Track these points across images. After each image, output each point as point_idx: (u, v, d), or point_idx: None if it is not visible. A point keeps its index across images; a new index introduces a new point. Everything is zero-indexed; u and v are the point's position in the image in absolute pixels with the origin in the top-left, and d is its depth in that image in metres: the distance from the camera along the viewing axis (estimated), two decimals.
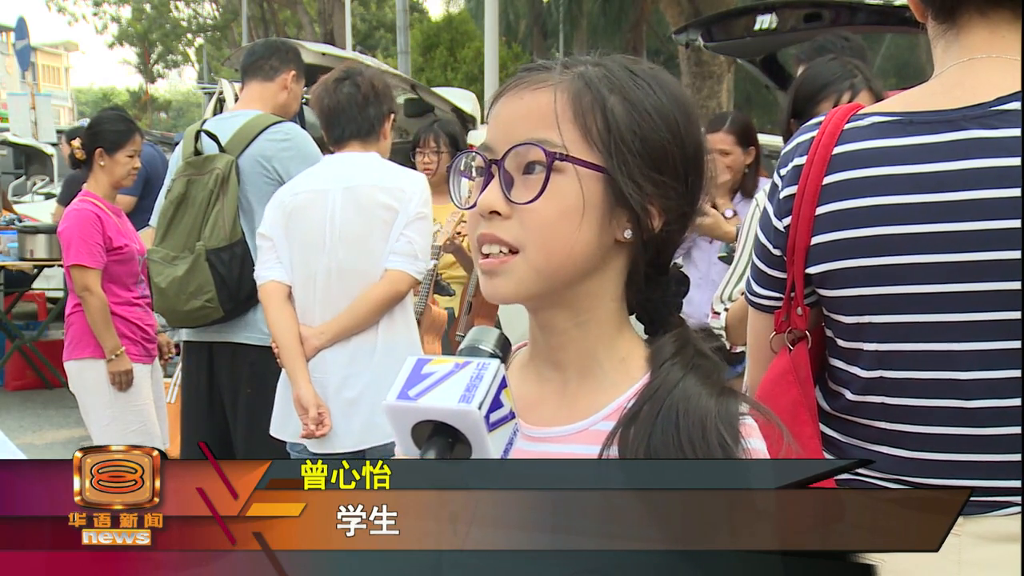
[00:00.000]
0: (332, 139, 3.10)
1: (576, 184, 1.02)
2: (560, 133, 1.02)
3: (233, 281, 3.43)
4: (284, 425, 3.14)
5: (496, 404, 0.88)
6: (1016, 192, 1.33)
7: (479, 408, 0.86)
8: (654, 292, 1.11)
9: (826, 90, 2.43)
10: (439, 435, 0.88)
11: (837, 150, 1.44)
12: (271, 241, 3.05)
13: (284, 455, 3.52)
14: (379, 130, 3.07)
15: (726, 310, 2.65)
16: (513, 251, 1.03)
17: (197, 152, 3.54)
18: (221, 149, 3.50)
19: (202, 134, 3.55)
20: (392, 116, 3.13)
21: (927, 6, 1.46)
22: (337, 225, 2.97)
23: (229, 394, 3.57)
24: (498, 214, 1.03)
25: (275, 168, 3.45)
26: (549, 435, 1.09)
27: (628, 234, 1.05)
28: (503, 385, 0.90)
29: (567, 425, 1.08)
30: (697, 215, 1.11)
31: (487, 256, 1.04)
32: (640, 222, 1.05)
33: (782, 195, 1.51)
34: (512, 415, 0.91)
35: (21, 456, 0.78)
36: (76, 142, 4.44)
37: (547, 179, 1.01)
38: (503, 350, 0.96)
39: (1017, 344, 1.36)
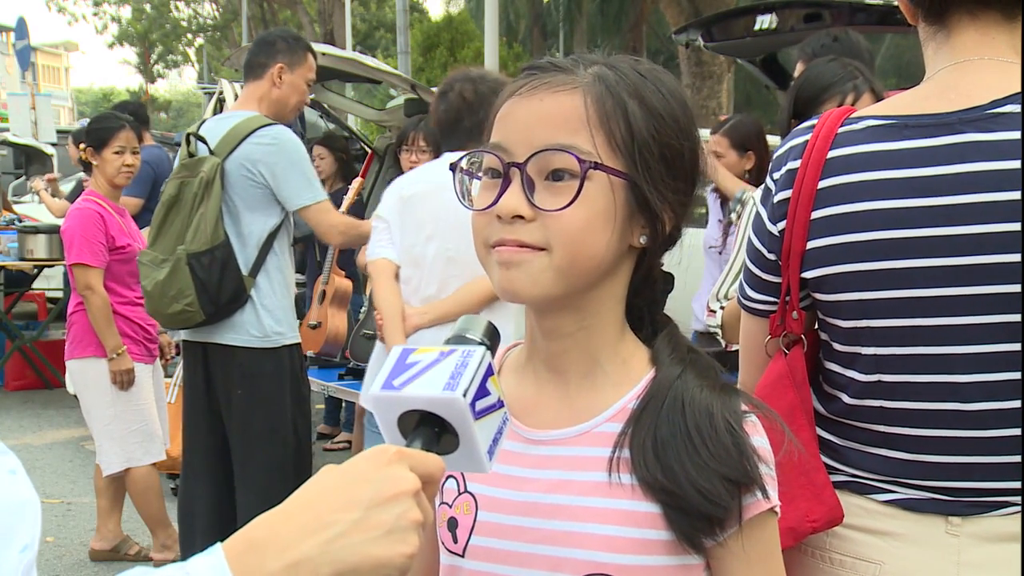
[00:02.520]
0: (449, 148, 3.21)
1: (603, 191, 1.01)
2: (593, 139, 1.00)
3: (213, 285, 3.43)
4: None
5: (482, 392, 0.87)
6: (1014, 195, 1.32)
7: (464, 395, 0.84)
8: (645, 290, 1.11)
9: (829, 91, 2.42)
10: (425, 425, 0.86)
11: (832, 154, 1.43)
12: (387, 223, 3.24)
13: (279, 451, 3.53)
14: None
15: (722, 308, 2.65)
16: (539, 252, 1.01)
17: (191, 154, 3.54)
18: (211, 151, 3.49)
19: (193, 136, 3.56)
20: None
21: (916, 7, 1.46)
22: (451, 216, 3.09)
23: (223, 394, 3.59)
24: (521, 218, 1.01)
25: (260, 172, 3.43)
26: (551, 438, 1.08)
27: (643, 240, 1.05)
28: (489, 372, 0.88)
29: (570, 427, 1.08)
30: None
31: (501, 245, 1.02)
32: (655, 228, 1.05)
33: (776, 199, 1.50)
34: (500, 404, 0.89)
35: (11, 456, 0.76)
36: (82, 144, 4.46)
37: (581, 187, 0.99)
38: (491, 339, 0.94)
39: (1016, 347, 1.36)
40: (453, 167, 1.09)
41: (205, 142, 3.50)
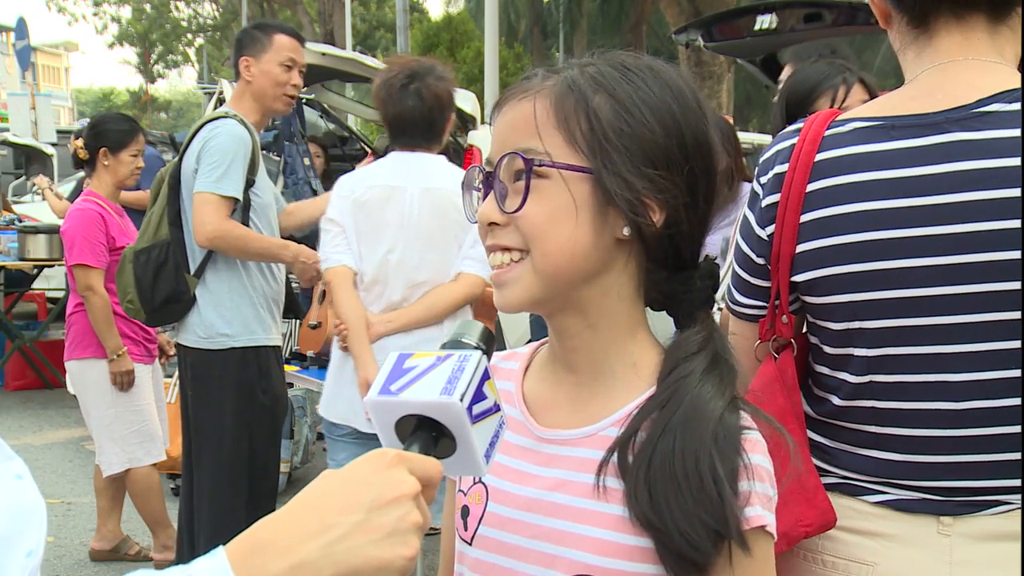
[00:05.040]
0: (400, 144, 3.13)
1: (560, 187, 1.04)
2: (541, 140, 1.04)
3: (147, 283, 3.42)
4: (331, 405, 3.20)
5: (479, 396, 0.88)
6: (1002, 193, 1.33)
7: (460, 400, 0.85)
8: (678, 287, 1.10)
9: (820, 88, 2.42)
10: (422, 429, 0.87)
11: (820, 157, 1.44)
12: (341, 227, 3.11)
13: (227, 457, 3.42)
14: (441, 137, 3.14)
15: (719, 310, 2.63)
16: (522, 254, 1.06)
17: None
18: (177, 150, 3.49)
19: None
20: (452, 118, 3.16)
21: (901, 12, 1.46)
22: (414, 223, 3.05)
23: (184, 394, 3.59)
24: (497, 224, 1.06)
25: (200, 166, 3.32)
26: (558, 437, 1.10)
27: (627, 231, 1.06)
28: (486, 377, 0.89)
29: (577, 429, 1.10)
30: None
31: (496, 267, 1.08)
32: (638, 218, 1.04)
33: (764, 203, 1.51)
34: (497, 407, 0.90)
35: (18, 461, 0.77)
36: (79, 142, 4.46)
37: (527, 186, 1.04)
38: (487, 343, 0.95)
39: (1007, 344, 1.36)
40: (463, 184, 1.15)
41: (174, 143, 3.54)
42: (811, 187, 1.44)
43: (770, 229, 1.49)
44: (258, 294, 3.45)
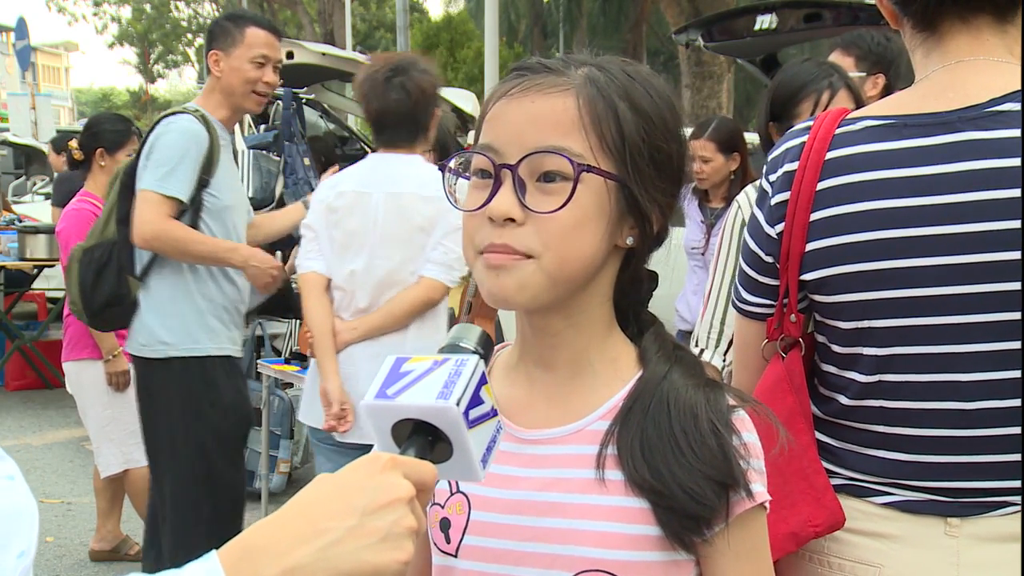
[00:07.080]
0: (380, 142, 3.08)
1: (594, 193, 1.01)
2: (584, 140, 1.00)
3: (88, 284, 3.27)
4: (310, 410, 3.18)
5: (476, 400, 0.87)
6: (1014, 193, 1.32)
7: (457, 404, 0.85)
8: (633, 291, 1.12)
9: (805, 90, 2.43)
10: (418, 434, 0.87)
11: (830, 155, 1.43)
12: (315, 232, 3.09)
13: (177, 468, 3.23)
14: (425, 133, 3.06)
15: (725, 362, 2.56)
16: (529, 256, 1.01)
17: None
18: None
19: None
20: (436, 113, 3.08)
21: (906, 16, 1.46)
22: (379, 228, 3.01)
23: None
24: (512, 221, 1.01)
25: (147, 162, 3.14)
26: (544, 437, 1.09)
27: (631, 240, 1.06)
28: (483, 381, 0.89)
29: (562, 426, 1.08)
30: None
31: (489, 252, 1.02)
32: (644, 228, 1.05)
33: (773, 201, 1.50)
34: (494, 412, 0.90)
35: (9, 462, 0.77)
36: (73, 142, 4.48)
37: (574, 190, 0.99)
38: (485, 347, 0.95)
39: (1018, 344, 1.35)
40: (443, 168, 1.09)
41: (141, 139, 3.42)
42: (821, 185, 1.43)
43: (779, 227, 1.48)
44: (206, 300, 3.21)
